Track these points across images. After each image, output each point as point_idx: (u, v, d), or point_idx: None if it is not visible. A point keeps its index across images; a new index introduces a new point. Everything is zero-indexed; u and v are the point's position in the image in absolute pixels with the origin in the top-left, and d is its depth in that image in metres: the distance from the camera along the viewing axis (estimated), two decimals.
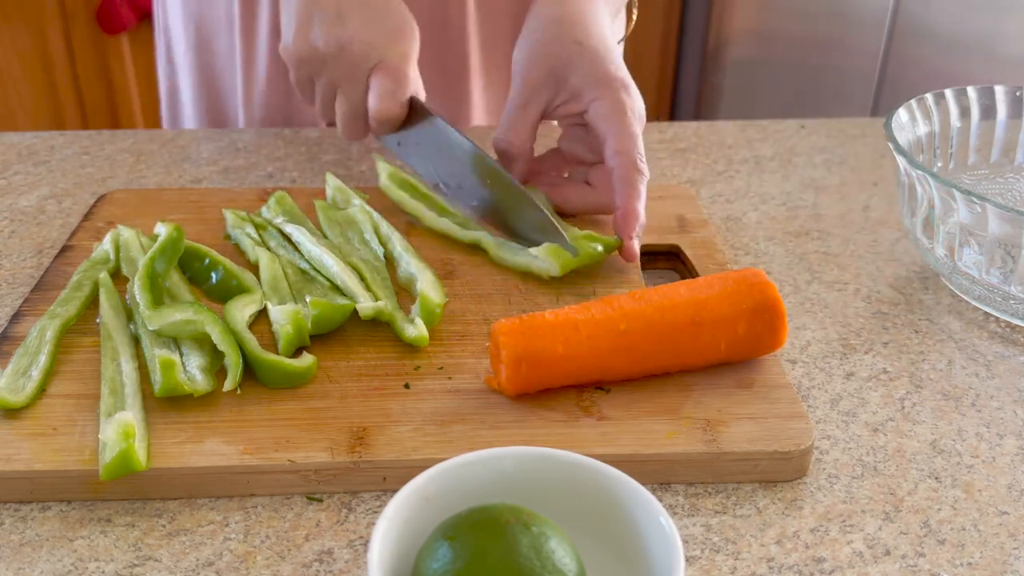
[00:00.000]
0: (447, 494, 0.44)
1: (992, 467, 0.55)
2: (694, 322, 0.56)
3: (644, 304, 0.56)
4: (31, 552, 0.48)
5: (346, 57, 0.69)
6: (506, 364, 0.54)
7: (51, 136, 0.92)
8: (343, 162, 0.87)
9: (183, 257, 0.67)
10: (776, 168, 0.88)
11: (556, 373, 0.55)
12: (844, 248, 0.76)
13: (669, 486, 0.53)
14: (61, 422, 0.54)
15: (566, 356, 0.55)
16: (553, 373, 0.55)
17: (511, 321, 0.55)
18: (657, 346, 0.56)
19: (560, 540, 0.40)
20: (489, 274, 0.68)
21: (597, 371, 0.56)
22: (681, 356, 0.57)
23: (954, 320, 0.67)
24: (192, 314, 0.57)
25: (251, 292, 0.64)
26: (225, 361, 0.56)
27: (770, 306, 0.57)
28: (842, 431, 0.57)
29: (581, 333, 0.55)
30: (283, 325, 0.59)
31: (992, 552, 0.49)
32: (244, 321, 0.60)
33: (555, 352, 0.54)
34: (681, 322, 0.56)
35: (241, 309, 0.61)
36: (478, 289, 0.66)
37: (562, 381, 0.56)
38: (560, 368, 0.55)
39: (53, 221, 0.78)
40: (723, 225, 0.79)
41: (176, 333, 0.58)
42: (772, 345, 0.58)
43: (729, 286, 0.58)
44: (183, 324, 0.58)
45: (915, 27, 1.88)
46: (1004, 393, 0.60)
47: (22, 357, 0.58)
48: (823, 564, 0.48)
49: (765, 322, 0.57)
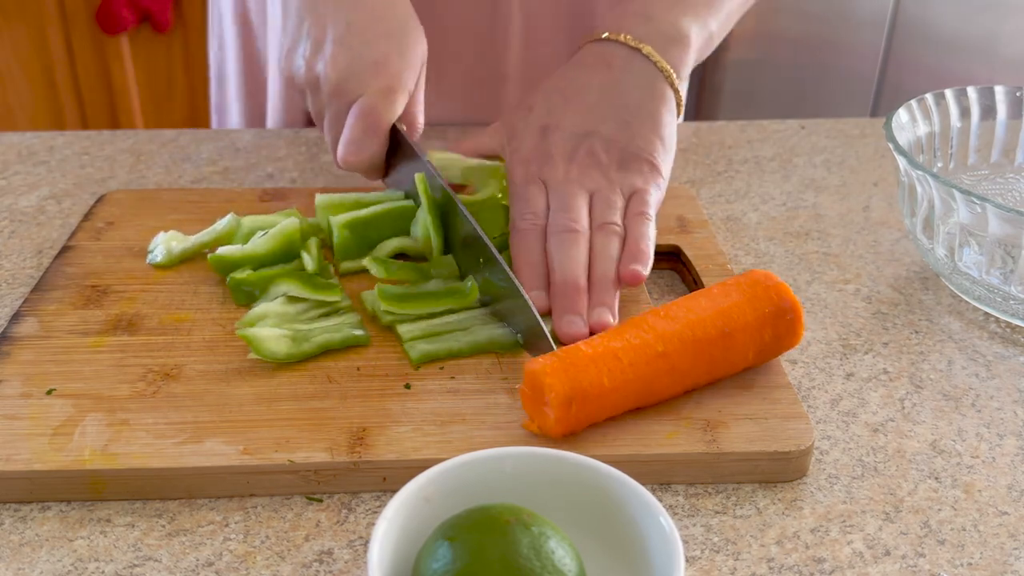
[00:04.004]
0: (447, 494, 0.44)
1: (992, 467, 0.55)
2: (724, 333, 0.55)
3: (675, 322, 0.55)
4: (31, 552, 0.48)
5: (324, 90, 0.67)
6: (555, 406, 0.51)
7: (51, 136, 0.92)
8: None
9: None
10: (776, 168, 0.88)
11: (604, 406, 0.53)
12: (844, 248, 0.76)
13: (669, 486, 0.53)
14: (61, 422, 0.54)
15: (613, 388, 0.52)
16: (601, 407, 0.53)
17: (550, 361, 0.53)
18: (694, 362, 0.55)
19: (560, 540, 0.40)
20: None
21: (642, 397, 0.54)
22: (714, 369, 0.56)
23: (954, 320, 0.67)
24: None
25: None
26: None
27: (789, 308, 0.57)
28: (842, 431, 0.57)
29: (623, 361, 0.53)
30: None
31: (992, 552, 0.49)
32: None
33: (602, 386, 0.52)
34: (712, 335, 0.55)
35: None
36: None
37: (608, 413, 0.54)
38: (608, 401, 0.53)
39: (53, 221, 0.78)
40: (723, 225, 0.79)
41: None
42: (790, 344, 0.59)
43: (746, 291, 0.57)
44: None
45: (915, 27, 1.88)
46: (1004, 393, 0.60)
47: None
48: (823, 564, 0.48)
49: (786, 324, 0.57)
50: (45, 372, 0.58)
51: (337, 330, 0.60)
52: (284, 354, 0.58)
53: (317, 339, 0.59)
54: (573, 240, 0.63)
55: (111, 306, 0.64)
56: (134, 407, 0.55)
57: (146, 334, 0.62)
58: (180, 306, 0.64)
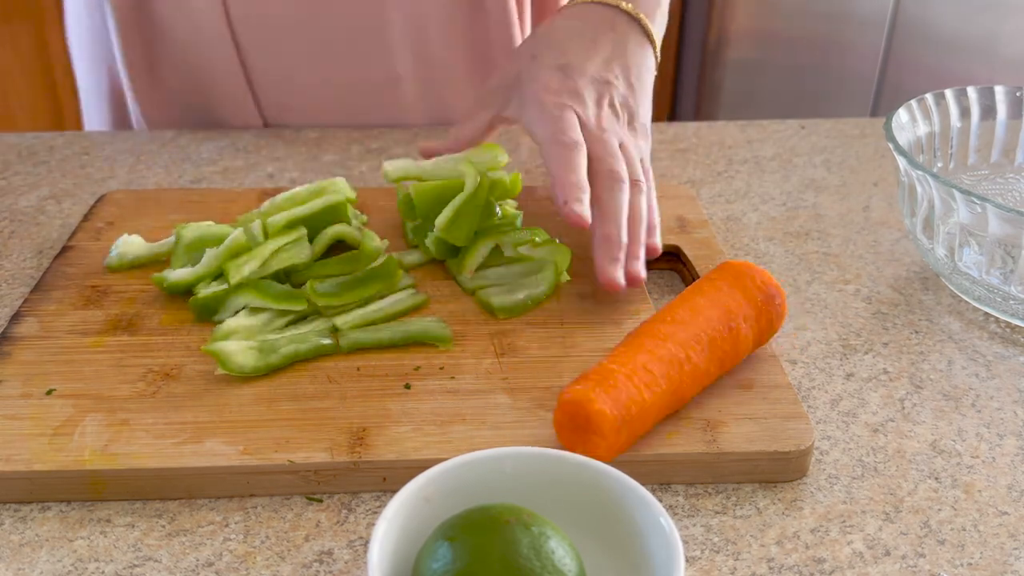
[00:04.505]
0: (447, 494, 0.44)
1: (992, 467, 0.55)
2: (730, 328, 0.56)
3: (688, 326, 0.55)
4: (31, 552, 0.48)
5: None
6: (606, 434, 0.50)
7: (51, 137, 0.92)
8: (343, 162, 0.87)
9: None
10: (776, 168, 0.88)
11: (646, 422, 0.52)
12: (844, 248, 0.76)
13: (669, 486, 0.53)
14: (61, 422, 0.54)
15: (652, 402, 0.52)
16: (644, 423, 0.52)
17: (585, 387, 0.51)
18: (709, 360, 0.55)
19: (560, 540, 0.40)
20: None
21: (672, 405, 0.54)
22: (724, 363, 0.56)
23: (954, 320, 0.67)
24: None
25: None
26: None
27: (776, 293, 0.59)
28: (842, 431, 0.57)
29: (655, 374, 0.52)
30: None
31: (992, 552, 0.49)
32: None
33: (644, 402, 0.51)
34: (722, 333, 0.56)
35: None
36: None
37: (647, 428, 0.53)
38: (649, 416, 0.52)
39: (53, 221, 0.78)
40: (723, 225, 0.79)
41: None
42: (778, 327, 0.60)
43: (737, 284, 0.58)
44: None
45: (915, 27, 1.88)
46: (1004, 393, 0.60)
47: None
48: (823, 565, 0.48)
49: (776, 308, 0.59)
50: (45, 372, 0.58)
51: (304, 339, 0.60)
52: (251, 367, 0.57)
53: (284, 350, 0.59)
54: (622, 188, 0.65)
55: (111, 306, 0.64)
56: (134, 407, 0.55)
57: (146, 334, 0.62)
58: (180, 306, 0.64)
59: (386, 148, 0.90)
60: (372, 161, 0.88)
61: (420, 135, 0.92)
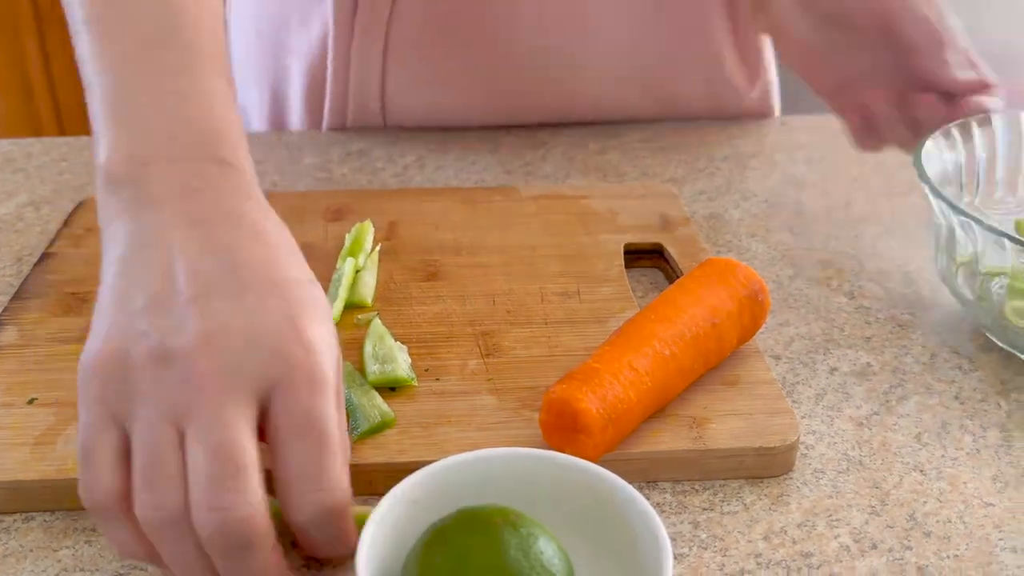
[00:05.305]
0: (435, 497, 0.44)
1: (976, 459, 0.55)
2: (714, 325, 0.56)
3: (672, 323, 0.55)
4: (15, 563, 0.48)
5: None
6: (592, 432, 0.49)
7: (29, 143, 0.92)
8: (324, 166, 0.87)
9: None
10: (757, 165, 0.89)
11: (632, 421, 0.52)
12: (826, 244, 0.76)
13: (656, 484, 0.53)
14: (43, 431, 0.53)
15: (638, 400, 0.52)
16: (630, 422, 0.52)
17: (570, 385, 0.51)
18: (694, 357, 0.55)
19: (548, 540, 0.40)
20: (473, 275, 0.68)
21: (657, 403, 0.54)
22: (708, 360, 0.56)
23: (936, 313, 0.67)
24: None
25: None
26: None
27: (759, 289, 0.59)
28: (827, 426, 0.57)
29: (640, 372, 0.52)
30: None
31: (978, 544, 0.49)
32: None
33: (630, 400, 0.51)
34: (706, 330, 0.56)
35: None
36: (462, 290, 0.66)
37: (633, 427, 0.53)
38: (635, 415, 0.52)
39: (32, 229, 0.77)
40: (705, 223, 0.79)
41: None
42: (761, 323, 0.59)
43: (719, 280, 0.58)
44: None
45: None
46: (987, 385, 0.61)
47: None
48: (811, 559, 0.48)
49: (759, 304, 0.59)
50: (26, 381, 0.57)
51: None
52: None
53: None
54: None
55: (92, 313, 0.63)
56: None
57: None
58: None
59: (368, 150, 0.89)
60: (353, 164, 0.87)
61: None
